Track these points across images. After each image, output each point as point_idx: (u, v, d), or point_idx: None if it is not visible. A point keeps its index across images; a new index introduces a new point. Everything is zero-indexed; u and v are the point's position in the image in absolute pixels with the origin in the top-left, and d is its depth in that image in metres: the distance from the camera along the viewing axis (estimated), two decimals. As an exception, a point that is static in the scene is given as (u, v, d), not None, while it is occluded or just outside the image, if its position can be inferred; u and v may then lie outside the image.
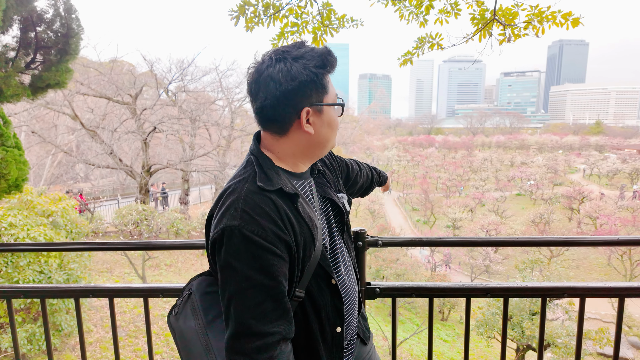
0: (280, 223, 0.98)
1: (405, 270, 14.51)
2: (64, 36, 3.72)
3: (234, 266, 0.94)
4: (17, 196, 6.43)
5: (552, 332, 10.08)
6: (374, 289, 1.63)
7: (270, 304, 0.95)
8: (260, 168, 1.04)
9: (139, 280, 10.32)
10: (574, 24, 3.00)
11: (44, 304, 1.70)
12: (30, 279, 5.76)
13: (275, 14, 2.92)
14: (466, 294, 1.65)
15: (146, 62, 15.56)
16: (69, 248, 2.33)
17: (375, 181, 1.67)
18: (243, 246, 0.93)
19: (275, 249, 0.95)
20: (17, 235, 5.88)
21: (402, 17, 3.42)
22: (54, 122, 15.51)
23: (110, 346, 6.95)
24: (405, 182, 40.44)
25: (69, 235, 6.99)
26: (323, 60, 1.02)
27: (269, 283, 0.95)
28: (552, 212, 25.91)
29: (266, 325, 0.94)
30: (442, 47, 3.25)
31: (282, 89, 0.99)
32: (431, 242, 1.66)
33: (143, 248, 2.08)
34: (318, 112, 1.05)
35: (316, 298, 1.10)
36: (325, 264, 1.11)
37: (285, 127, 1.04)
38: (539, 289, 1.62)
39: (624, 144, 62.32)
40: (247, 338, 0.93)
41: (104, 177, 22.75)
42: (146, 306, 1.73)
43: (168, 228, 13.26)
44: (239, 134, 18.82)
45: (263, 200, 0.98)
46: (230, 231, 0.94)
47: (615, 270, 20.86)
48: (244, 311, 0.93)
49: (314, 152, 1.12)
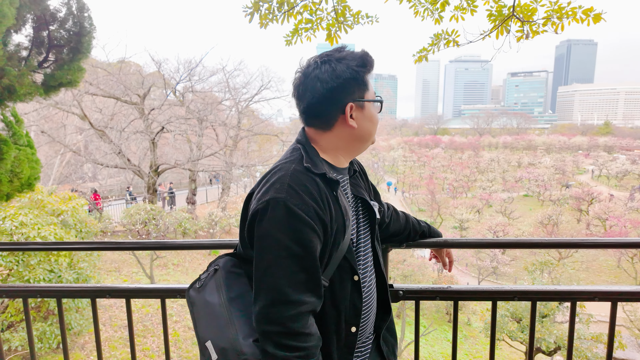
0: (321, 203, 1.04)
1: (413, 271, 14.41)
2: (77, 35, 3.71)
3: (275, 235, 0.99)
4: (28, 195, 6.46)
5: (562, 335, 9.93)
6: (397, 292, 1.58)
7: (304, 276, 1.00)
8: (307, 154, 1.12)
9: (147, 280, 10.35)
10: (596, 20, 2.91)
11: (60, 303, 1.67)
12: (40, 278, 5.78)
13: (289, 11, 2.88)
14: (493, 297, 1.60)
15: (154, 62, 15.64)
16: (80, 248, 2.31)
17: (411, 230, 1.54)
18: (286, 218, 0.99)
19: (314, 225, 1.01)
20: (28, 234, 5.90)
21: (417, 14, 3.36)
22: (62, 122, 15.64)
23: (119, 345, 6.97)
24: (411, 183, 40.29)
25: (79, 234, 7.01)
26: (363, 60, 1.12)
27: (305, 255, 1.00)
28: (560, 213, 25.62)
29: (301, 294, 0.99)
30: (458, 43, 3.19)
31: (328, 86, 1.08)
32: (456, 244, 1.60)
33: (153, 248, 2.05)
34: (360, 107, 1.14)
35: (337, 291, 1.12)
36: (351, 257, 1.15)
37: (330, 122, 1.13)
38: (569, 292, 1.56)
39: (634, 144, 61.50)
40: (282, 306, 0.97)
41: (112, 176, 22.91)
42: (163, 307, 1.70)
43: (176, 228, 13.30)
44: (246, 134, 18.84)
45: (308, 180, 1.05)
46: (275, 202, 1.00)
47: (626, 272, 20.57)
48: (281, 278, 0.98)
49: (356, 145, 1.19)
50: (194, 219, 15.18)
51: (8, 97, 3.21)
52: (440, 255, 1.59)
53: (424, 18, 3.40)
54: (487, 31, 3.16)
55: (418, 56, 3.23)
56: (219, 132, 18.26)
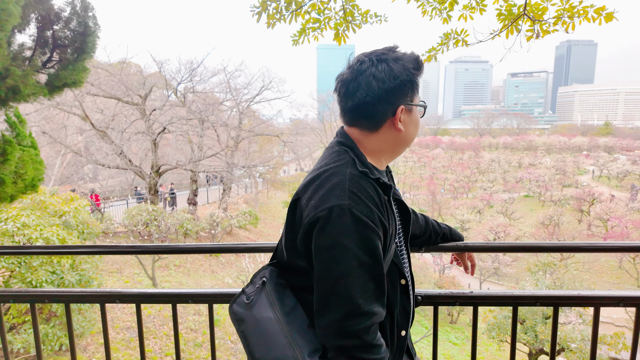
0: (381, 208, 1.01)
1: (415, 272, 14.34)
2: (81, 34, 3.68)
3: (345, 244, 0.94)
4: (30, 196, 6.42)
5: (566, 336, 9.89)
6: (416, 297, 1.54)
7: (373, 285, 0.97)
8: (358, 157, 1.07)
9: (149, 281, 10.30)
10: (607, 19, 2.88)
11: (68, 308, 1.63)
12: (42, 279, 5.73)
13: (297, 10, 2.84)
14: (514, 303, 1.56)
15: (155, 63, 15.61)
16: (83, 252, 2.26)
17: (431, 232, 1.50)
18: (353, 225, 0.95)
19: (379, 232, 0.98)
20: (30, 236, 5.86)
21: (424, 13, 3.32)
22: (63, 122, 15.60)
23: (122, 347, 6.93)
24: (412, 184, 40.23)
25: (81, 235, 6.97)
26: (418, 62, 1.10)
27: (374, 264, 0.97)
28: (561, 214, 25.57)
29: (372, 305, 0.96)
30: (467, 43, 3.15)
31: (385, 86, 1.05)
32: (478, 247, 1.56)
33: (154, 252, 2.00)
34: (409, 111, 1.11)
35: (390, 297, 1.09)
36: (399, 262, 1.13)
37: (379, 123, 1.09)
38: (593, 297, 1.52)
39: (634, 145, 61.38)
40: (357, 318, 0.94)
41: (113, 177, 22.86)
42: (174, 313, 1.65)
43: (177, 229, 13.25)
44: (247, 135, 18.80)
45: (367, 184, 1.01)
46: (340, 210, 0.95)
47: (627, 273, 20.53)
48: (354, 290, 0.94)
49: (398, 149, 1.16)
50: (195, 220, 15.14)
51: (12, 97, 3.17)
52: (462, 259, 1.56)
53: (432, 17, 3.36)
54: (497, 31, 3.13)
55: (427, 56, 3.19)
56: (220, 132, 18.22)
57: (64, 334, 6.03)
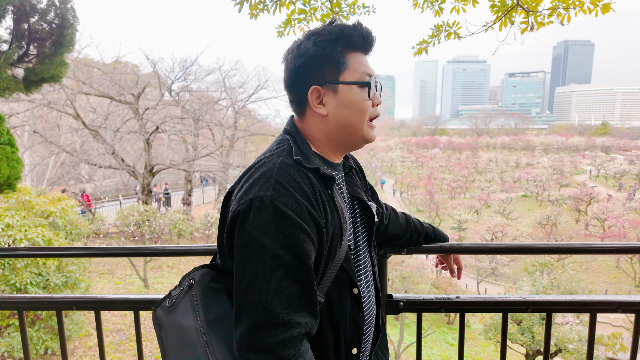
0: (315, 202, 0.87)
1: (411, 272, 14.27)
2: (59, 27, 3.53)
3: (262, 242, 0.81)
4: (15, 196, 6.27)
5: (563, 337, 9.80)
6: (397, 303, 1.42)
7: (297, 290, 0.82)
8: (297, 145, 0.95)
9: (141, 282, 10.15)
10: (604, 10, 2.77)
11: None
12: (27, 282, 5.58)
13: (281, 0, 2.72)
14: (503, 309, 1.43)
15: (149, 62, 15.44)
16: (68, 254, 2.13)
17: (412, 232, 1.36)
18: (274, 220, 0.81)
19: (307, 229, 0.84)
20: (15, 237, 5.70)
21: (416, 6, 3.21)
22: (56, 122, 15.42)
23: (111, 350, 6.78)
24: (409, 183, 40.17)
25: (69, 236, 6.82)
26: (338, 34, 0.93)
27: (298, 265, 0.82)
28: (559, 213, 25.54)
29: (293, 314, 0.81)
30: (459, 36, 3.03)
31: (291, 67, 0.95)
32: (463, 249, 1.44)
33: (145, 254, 1.87)
34: (332, 91, 0.95)
35: (335, 308, 0.95)
36: (349, 268, 0.98)
37: (301, 107, 0.98)
38: (588, 302, 1.39)
39: (631, 145, 61.55)
40: (271, 329, 0.79)
41: (107, 177, 22.67)
42: (137, 320, 1.52)
43: (170, 229, 13.09)
44: (243, 134, 18.64)
45: (299, 175, 0.88)
46: (260, 202, 0.82)
47: (625, 273, 20.51)
48: (269, 295, 0.80)
49: (339, 137, 0.99)
50: (189, 220, 14.98)
51: (-17, 92, 3.04)
52: (448, 262, 1.41)
53: (423, 10, 3.25)
54: (490, 23, 3.01)
55: (417, 48, 3.07)
56: (215, 132, 18.07)
57: (50, 337, 5.88)
